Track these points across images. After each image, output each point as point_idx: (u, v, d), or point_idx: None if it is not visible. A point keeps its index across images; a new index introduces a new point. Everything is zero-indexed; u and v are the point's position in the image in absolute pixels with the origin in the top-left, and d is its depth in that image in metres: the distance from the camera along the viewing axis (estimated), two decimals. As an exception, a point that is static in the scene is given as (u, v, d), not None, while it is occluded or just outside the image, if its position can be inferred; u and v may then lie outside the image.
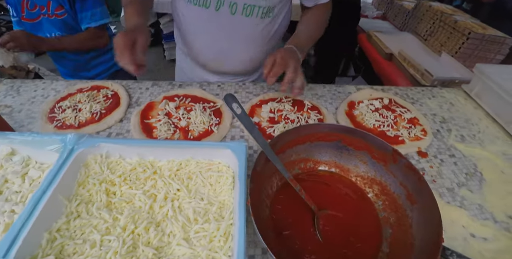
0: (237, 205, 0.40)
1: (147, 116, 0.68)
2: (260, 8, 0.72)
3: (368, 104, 0.76)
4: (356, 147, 0.53)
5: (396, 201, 0.49)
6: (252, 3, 0.71)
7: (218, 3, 0.71)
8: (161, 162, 0.50)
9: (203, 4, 0.72)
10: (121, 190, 0.46)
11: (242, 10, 0.72)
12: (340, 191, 0.54)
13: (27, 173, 0.50)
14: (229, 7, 0.71)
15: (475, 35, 1.13)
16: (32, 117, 0.71)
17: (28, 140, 0.50)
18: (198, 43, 0.82)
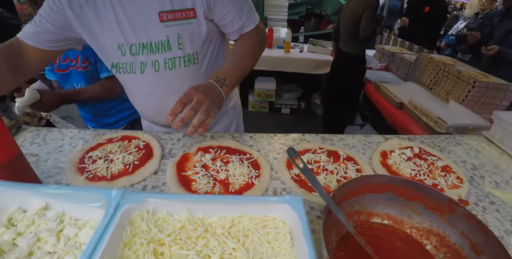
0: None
1: (183, 168, 0.69)
2: (180, 58, 0.77)
3: (400, 154, 0.80)
4: (408, 198, 0.55)
5: (460, 253, 0.49)
6: (171, 56, 0.76)
7: (142, 66, 0.78)
8: (211, 219, 0.50)
9: (130, 70, 0.79)
10: (171, 251, 0.44)
11: (164, 65, 0.77)
12: (397, 244, 0.53)
13: (62, 231, 0.48)
14: (152, 66, 0.77)
15: (480, 83, 1.25)
16: (60, 167, 0.72)
17: (66, 193, 0.49)
18: (138, 105, 0.91)
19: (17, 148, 0.58)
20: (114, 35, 0.73)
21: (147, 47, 0.75)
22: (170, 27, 0.73)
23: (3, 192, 0.49)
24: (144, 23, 0.72)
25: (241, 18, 0.77)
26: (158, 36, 0.74)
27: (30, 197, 0.50)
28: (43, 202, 0.50)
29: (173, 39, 0.74)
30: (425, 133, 1.31)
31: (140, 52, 0.75)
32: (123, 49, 0.75)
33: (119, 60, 0.78)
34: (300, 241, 0.44)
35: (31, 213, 0.49)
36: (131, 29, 0.73)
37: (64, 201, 0.50)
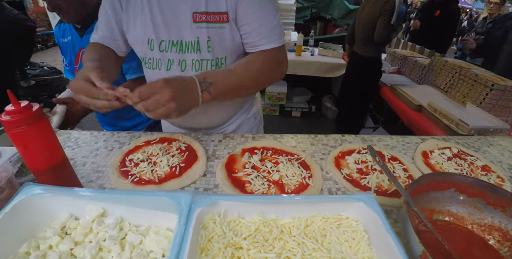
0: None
1: (233, 170, 0.70)
2: (208, 61, 0.77)
3: (440, 154, 0.82)
4: (469, 194, 0.57)
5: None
6: (200, 57, 0.76)
7: (168, 63, 0.79)
8: (284, 220, 0.50)
9: (156, 66, 0.80)
10: (249, 254, 0.44)
11: (191, 66, 0.78)
12: (461, 240, 0.55)
13: (125, 238, 0.48)
14: (179, 65, 0.78)
15: (499, 86, 1.31)
16: (100, 171, 0.72)
17: (125, 198, 0.49)
18: None
19: (63, 152, 0.59)
20: (146, 29, 0.75)
21: (176, 46, 0.76)
22: (201, 28, 0.73)
23: (52, 198, 0.49)
24: (177, 21, 0.73)
25: (258, 34, 0.74)
26: (189, 36, 0.75)
27: (84, 203, 0.49)
28: (100, 208, 0.49)
29: (203, 41, 0.75)
30: (445, 135, 1.35)
31: (169, 49, 0.77)
32: (152, 44, 0.77)
33: (146, 55, 0.80)
34: (382, 238, 0.45)
35: (87, 220, 0.49)
36: (164, 26, 0.74)
37: (123, 206, 0.50)
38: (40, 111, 0.52)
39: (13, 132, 0.49)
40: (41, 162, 0.54)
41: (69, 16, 1.03)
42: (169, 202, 0.47)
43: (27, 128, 0.49)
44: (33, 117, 0.50)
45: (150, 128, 1.32)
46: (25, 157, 0.53)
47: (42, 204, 0.48)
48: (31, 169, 0.56)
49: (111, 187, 0.66)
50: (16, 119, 0.48)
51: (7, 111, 0.49)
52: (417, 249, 0.41)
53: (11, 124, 0.48)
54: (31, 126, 0.50)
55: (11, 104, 0.49)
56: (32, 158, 0.54)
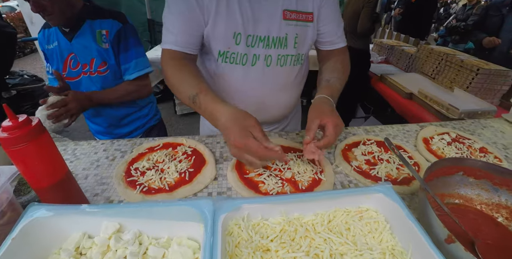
0: (427, 247, 0.41)
1: (244, 171, 0.70)
2: (292, 56, 0.82)
3: (440, 139, 0.86)
4: (476, 177, 0.60)
5: None
6: (285, 53, 0.81)
7: (254, 59, 0.80)
8: (306, 217, 0.51)
9: (239, 61, 0.80)
10: (278, 255, 0.45)
11: (276, 61, 0.81)
12: (472, 220, 0.58)
13: (146, 253, 0.46)
14: (264, 60, 0.80)
15: (484, 70, 1.37)
16: (104, 183, 0.70)
17: (142, 210, 0.47)
18: (236, 99, 0.87)
19: (66, 166, 0.56)
20: (233, 23, 0.74)
21: (264, 41, 0.78)
22: (290, 26, 0.77)
23: (62, 218, 0.46)
24: (267, 17, 0.75)
25: (336, 33, 0.85)
26: (278, 32, 0.77)
27: (97, 220, 0.47)
28: (116, 223, 0.47)
29: (291, 37, 0.79)
30: (437, 120, 1.40)
31: (256, 44, 0.78)
32: (239, 39, 0.76)
33: (230, 49, 0.78)
34: (404, 226, 0.47)
35: (102, 238, 0.46)
36: (253, 21, 0.75)
37: (140, 219, 0.48)
38: (40, 125, 0.49)
39: (12, 150, 0.46)
40: (44, 179, 0.52)
41: (55, 18, 0.97)
42: (191, 211, 0.46)
43: (27, 145, 0.47)
44: (33, 133, 0.47)
45: (147, 133, 1.29)
46: (27, 175, 0.51)
47: (51, 225, 0.46)
48: (33, 187, 0.53)
49: (119, 199, 0.65)
50: (15, 136, 0.45)
51: (4, 128, 0.46)
52: (441, 233, 0.43)
53: (10, 141, 0.45)
54: (31, 142, 0.47)
55: (8, 120, 0.46)
56: (34, 176, 0.51)
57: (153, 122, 1.30)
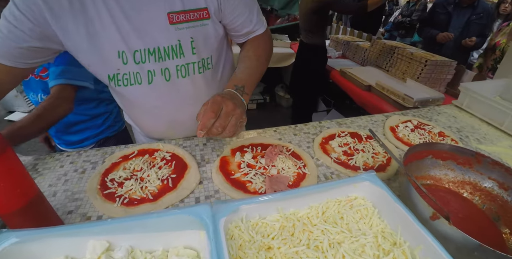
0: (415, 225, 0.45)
1: (229, 172, 0.69)
2: (194, 64, 0.73)
3: (404, 127, 0.93)
4: (443, 158, 0.67)
5: (491, 193, 0.64)
6: (184, 62, 0.72)
7: (149, 75, 0.71)
8: (301, 212, 0.53)
9: (134, 82, 0.71)
10: (281, 252, 0.45)
11: (176, 73, 0.73)
12: (443, 198, 0.65)
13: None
14: (162, 75, 0.72)
15: (431, 62, 1.52)
16: (77, 199, 0.64)
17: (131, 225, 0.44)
18: (145, 121, 0.84)
19: (36, 186, 0.50)
20: (112, 41, 0.64)
21: (154, 54, 0.68)
22: (181, 30, 0.67)
23: (39, 243, 0.41)
24: (150, 26, 0.65)
25: (251, 21, 0.76)
26: (168, 41, 0.68)
27: (81, 240, 0.43)
28: (105, 242, 0.43)
29: (185, 43, 0.69)
30: (394, 109, 1.52)
31: (147, 59, 0.68)
32: (125, 57, 0.67)
33: (119, 71, 0.69)
34: (391, 209, 0.50)
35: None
36: (134, 34, 0.64)
37: (130, 234, 0.44)
38: (3, 139, 0.43)
39: None
40: (12, 203, 0.45)
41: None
42: (188, 219, 0.44)
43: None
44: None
45: (99, 144, 1.19)
46: None
47: (25, 253, 0.41)
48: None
49: (98, 214, 0.60)
50: None
51: None
52: (426, 212, 0.48)
53: None
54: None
55: None
56: (0, 200, 0.44)
57: (108, 133, 1.21)
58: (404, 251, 0.45)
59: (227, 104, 0.59)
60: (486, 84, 1.19)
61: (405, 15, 2.81)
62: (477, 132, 0.99)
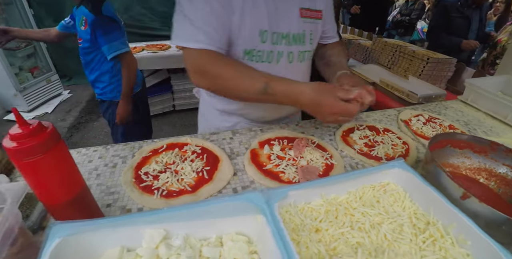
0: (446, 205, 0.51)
1: (260, 163, 0.73)
2: (308, 52, 0.90)
3: (417, 121, 1.00)
4: (460, 147, 0.74)
5: (505, 178, 0.70)
6: (303, 49, 0.87)
7: (278, 56, 0.83)
8: (341, 197, 0.58)
9: (265, 59, 0.82)
10: (329, 233, 0.50)
11: (297, 57, 0.86)
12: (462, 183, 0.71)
13: (201, 255, 0.46)
14: (287, 57, 0.84)
15: (433, 59, 1.60)
16: (114, 192, 0.67)
17: (192, 212, 0.45)
18: None
19: (82, 178, 0.52)
20: (260, 20, 0.75)
21: (286, 38, 0.81)
22: (306, 23, 0.83)
23: (95, 235, 0.42)
24: (287, 15, 0.79)
25: (334, 30, 0.97)
26: (297, 29, 0.82)
27: (134, 230, 0.45)
28: (162, 230, 0.45)
29: (307, 34, 0.85)
30: (399, 105, 1.60)
31: (279, 42, 0.80)
32: (265, 36, 0.78)
33: (256, 48, 0.79)
34: (421, 192, 0.56)
35: (149, 248, 0.44)
36: (276, 18, 0.77)
37: (184, 222, 0.47)
38: (56, 132, 0.44)
39: (24, 162, 0.41)
40: (61, 195, 0.47)
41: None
42: (245, 205, 0.47)
43: (42, 157, 0.41)
44: (50, 142, 0.42)
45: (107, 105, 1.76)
46: (40, 191, 0.46)
47: (82, 244, 0.42)
48: (47, 204, 0.48)
49: (137, 206, 0.63)
50: (26, 146, 0.40)
51: (12, 136, 0.40)
52: (456, 192, 0.54)
53: (21, 152, 0.40)
54: (47, 153, 0.42)
55: (17, 126, 0.40)
56: (50, 192, 0.46)
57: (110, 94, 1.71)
58: (439, 228, 0.51)
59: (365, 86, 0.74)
60: (489, 80, 1.27)
61: (404, 14, 2.94)
62: (483, 125, 1.07)
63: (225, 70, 0.72)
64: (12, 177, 0.69)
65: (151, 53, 2.44)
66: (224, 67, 0.72)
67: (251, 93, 0.71)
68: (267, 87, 0.68)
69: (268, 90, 0.69)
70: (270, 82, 0.69)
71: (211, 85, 0.76)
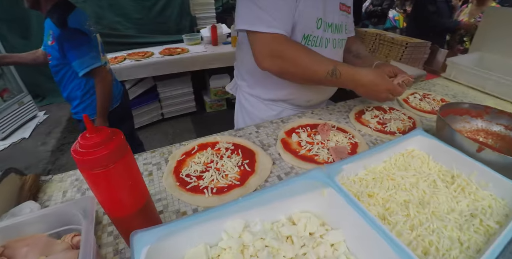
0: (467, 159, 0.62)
1: (294, 150, 0.81)
2: (343, 40, 1.02)
3: (414, 98, 1.13)
4: (460, 114, 0.86)
5: (499, 134, 0.84)
6: (341, 37, 1.00)
7: (326, 42, 0.95)
8: (379, 166, 0.67)
9: (319, 44, 0.93)
10: (380, 196, 0.59)
11: (338, 44, 0.99)
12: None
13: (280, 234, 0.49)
14: (332, 43, 0.97)
15: (411, 43, 1.76)
16: (161, 199, 0.67)
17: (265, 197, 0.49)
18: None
19: (146, 186, 0.51)
20: (318, 9, 0.87)
21: (331, 26, 0.93)
22: (342, 16, 0.96)
23: (175, 237, 0.43)
24: (333, 7, 0.92)
25: (353, 25, 1.09)
26: (339, 20, 0.95)
27: (214, 225, 0.47)
28: (241, 220, 0.48)
29: (343, 25, 0.98)
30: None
31: (328, 29, 0.92)
32: (319, 23, 0.89)
33: (313, 33, 0.89)
34: (441, 152, 0.68)
35: (233, 238, 0.47)
36: (326, 9, 0.89)
37: (256, 209, 0.50)
38: (125, 140, 0.42)
39: (95, 172, 0.38)
40: (130, 206, 0.45)
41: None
42: (310, 183, 0.53)
43: (113, 167, 0.39)
44: (121, 150, 0.40)
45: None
46: (109, 203, 0.44)
47: (168, 248, 0.43)
48: (115, 216, 0.47)
49: (191, 208, 0.65)
50: (99, 155, 0.37)
51: (83, 145, 0.38)
52: (471, 147, 0.65)
53: (93, 162, 0.38)
54: (118, 163, 0.40)
55: (87, 134, 0.38)
56: (119, 203, 0.44)
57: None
58: (464, 178, 0.62)
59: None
60: (465, 58, 1.44)
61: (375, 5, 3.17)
62: (468, 96, 1.22)
63: (300, 53, 0.82)
64: (39, 202, 0.67)
65: (134, 61, 2.41)
66: (299, 51, 0.82)
67: (320, 75, 0.82)
68: (335, 70, 0.81)
69: (336, 73, 0.81)
70: (338, 66, 0.82)
71: (285, 68, 0.83)
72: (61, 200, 0.68)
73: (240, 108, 1.15)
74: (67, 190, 0.71)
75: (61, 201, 0.68)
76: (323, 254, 0.47)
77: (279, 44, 0.80)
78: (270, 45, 0.80)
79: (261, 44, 0.81)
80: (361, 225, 0.46)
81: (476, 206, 0.57)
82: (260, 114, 1.06)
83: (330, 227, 0.53)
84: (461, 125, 0.87)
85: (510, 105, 1.16)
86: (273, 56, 0.81)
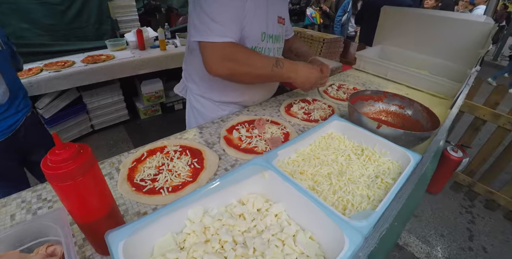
0: (370, 134, 0.83)
1: (236, 145, 0.93)
2: (281, 49, 1.19)
3: (332, 89, 1.35)
4: (365, 99, 1.09)
5: (395, 113, 1.08)
6: (280, 46, 1.16)
7: (268, 52, 1.10)
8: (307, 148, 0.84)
9: (263, 53, 1.07)
10: (310, 172, 0.74)
11: (276, 52, 1.15)
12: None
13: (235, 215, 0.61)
14: (272, 53, 1.13)
15: (328, 39, 2.03)
16: (120, 204, 0.71)
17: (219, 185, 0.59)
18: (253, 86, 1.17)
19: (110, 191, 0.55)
20: (262, 24, 1.01)
21: (272, 38, 1.08)
22: (280, 27, 1.12)
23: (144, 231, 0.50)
24: (273, 21, 1.06)
25: (290, 27, 1.30)
26: (277, 32, 1.10)
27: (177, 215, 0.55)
28: (201, 207, 0.58)
29: (281, 35, 1.15)
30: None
31: (269, 40, 1.07)
32: (263, 36, 1.04)
33: (258, 45, 1.04)
34: (353, 132, 0.87)
35: (195, 223, 0.56)
36: (268, 23, 1.03)
37: (212, 196, 0.60)
38: (91, 153, 0.46)
39: (65, 185, 0.42)
40: (96, 212, 0.50)
41: None
42: (253, 168, 0.65)
43: (81, 179, 0.43)
44: (88, 163, 0.44)
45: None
46: (77, 210, 0.48)
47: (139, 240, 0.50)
48: (83, 222, 0.51)
49: (151, 208, 0.70)
50: (67, 170, 0.41)
51: (52, 161, 0.41)
52: (373, 125, 0.85)
53: (61, 176, 0.41)
54: (86, 175, 0.44)
55: (55, 149, 0.42)
56: (87, 210, 0.48)
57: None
58: (370, 150, 0.82)
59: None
60: (370, 50, 1.74)
61: (294, 3, 3.47)
62: (374, 83, 1.50)
63: (249, 53, 0.95)
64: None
65: (53, 72, 2.23)
66: (248, 52, 0.95)
67: (267, 68, 0.96)
68: (278, 61, 0.98)
69: (279, 63, 0.97)
70: (279, 59, 0.99)
71: (236, 69, 0.93)
72: (10, 223, 0.69)
73: (191, 109, 1.22)
74: (14, 213, 0.71)
75: (10, 224, 0.68)
76: (270, 223, 0.60)
77: (231, 48, 0.91)
78: (222, 51, 0.90)
79: (212, 51, 0.90)
80: (296, 195, 0.60)
81: (379, 169, 0.77)
82: (212, 115, 1.16)
83: (272, 202, 0.66)
84: (368, 109, 1.10)
85: (406, 88, 1.47)
86: (225, 59, 0.91)
